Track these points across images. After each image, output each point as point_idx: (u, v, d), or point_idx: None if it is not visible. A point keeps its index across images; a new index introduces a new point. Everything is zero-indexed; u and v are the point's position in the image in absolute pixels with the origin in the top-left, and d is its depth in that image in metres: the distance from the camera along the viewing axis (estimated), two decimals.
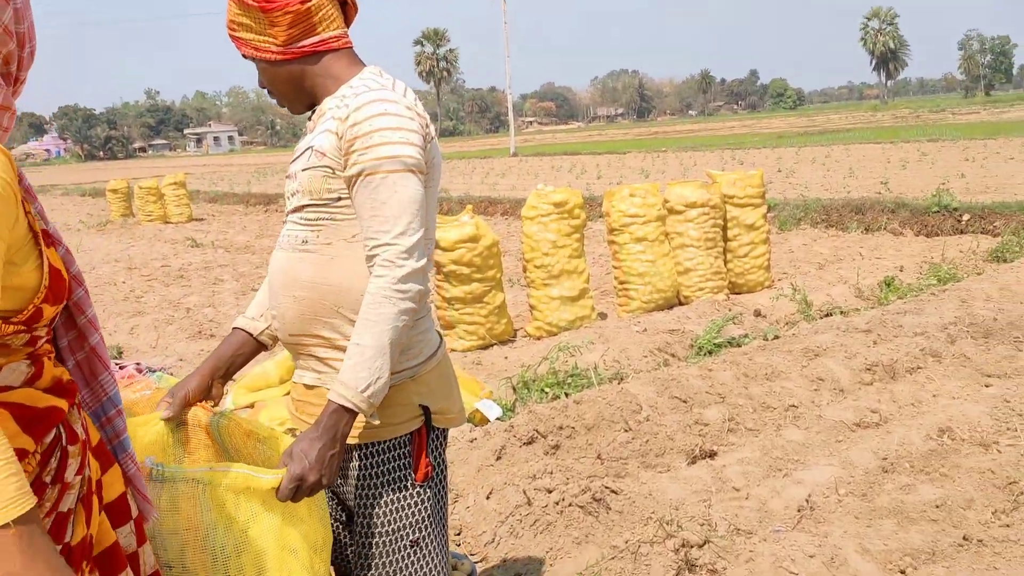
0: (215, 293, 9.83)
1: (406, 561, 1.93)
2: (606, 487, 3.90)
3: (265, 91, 1.98)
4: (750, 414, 4.90)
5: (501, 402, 5.22)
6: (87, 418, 1.54)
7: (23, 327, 1.33)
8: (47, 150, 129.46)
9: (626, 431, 4.60)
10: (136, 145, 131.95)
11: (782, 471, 4.16)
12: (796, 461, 4.24)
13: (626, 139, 61.84)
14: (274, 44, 1.85)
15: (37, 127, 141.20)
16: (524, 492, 3.85)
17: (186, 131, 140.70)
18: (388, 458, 1.90)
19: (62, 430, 1.39)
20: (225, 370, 2.05)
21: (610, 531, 3.64)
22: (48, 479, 1.35)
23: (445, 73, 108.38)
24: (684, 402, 5.06)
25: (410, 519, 1.92)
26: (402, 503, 1.92)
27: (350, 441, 1.87)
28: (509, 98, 49.77)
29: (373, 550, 1.92)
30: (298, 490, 1.72)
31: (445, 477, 2.02)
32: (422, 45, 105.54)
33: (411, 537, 1.92)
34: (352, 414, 1.75)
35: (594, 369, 5.67)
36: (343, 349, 1.85)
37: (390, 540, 1.91)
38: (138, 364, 2.26)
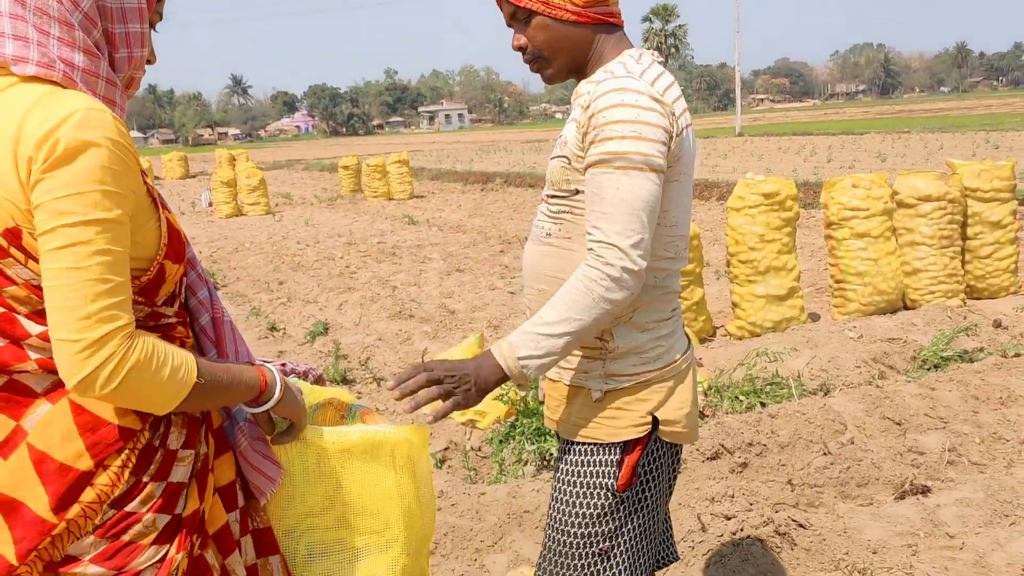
0: (422, 272, 10.07)
1: (592, 569, 1.86)
2: (793, 520, 3.50)
3: (521, 53, 1.88)
4: (976, 445, 4.27)
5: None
6: None
7: (143, 299, 1.42)
8: (297, 126, 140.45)
9: (825, 454, 4.13)
10: (375, 122, 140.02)
11: (1009, 518, 3.56)
12: None
13: (866, 118, 57.94)
14: (572, 3, 1.78)
15: (289, 105, 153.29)
16: (699, 517, 3.54)
17: (420, 109, 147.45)
18: (597, 460, 1.85)
19: None
20: None
21: (792, 572, 3.25)
22: (157, 442, 1.43)
23: (673, 50, 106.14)
24: (898, 424, 4.51)
25: (602, 527, 1.85)
26: (598, 510, 1.85)
27: (569, 436, 1.89)
28: (737, 74, 47.89)
29: (561, 548, 1.88)
30: (427, 382, 1.70)
31: (658, 493, 1.91)
32: (650, 21, 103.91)
33: (600, 546, 1.85)
34: (501, 369, 1.73)
35: (796, 378, 5.18)
36: (583, 345, 1.84)
37: (579, 544, 1.85)
38: (284, 364, 2.15)
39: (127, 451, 1.39)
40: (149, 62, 1.54)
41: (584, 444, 1.86)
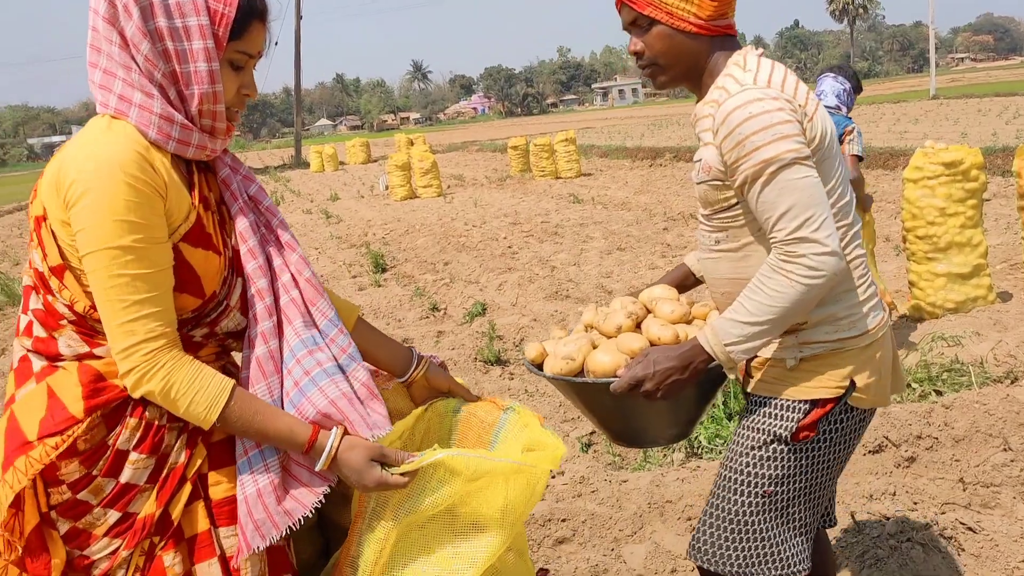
0: (583, 252, 9.98)
1: (749, 505, 1.97)
2: (961, 522, 3.20)
3: (636, 58, 1.97)
4: None
5: None
6: None
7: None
8: (474, 108, 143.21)
9: (1005, 450, 3.75)
10: (549, 101, 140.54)
11: None
12: None
13: None
14: (695, 15, 1.87)
15: (466, 87, 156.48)
16: (853, 515, 3.29)
17: (593, 85, 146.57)
18: (780, 414, 1.96)
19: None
20: (679, 286, 2.32)
21: None
22: (111, 441, 1.57)
23: (861, 10, 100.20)
24: None
25: (770, 471, 1.96)
26: (770, 453, 1.96)
27: (761, 392, 2.01)
28: (931, 32, 44.40)
29: (729, 484, 2.01)
30: (632, 388, 1.87)
31: (834, 454, 1.99)
32: None
33: (766, 488, 1.96)
34: (709, 356, 1.86)
35: (979, 365, 4.73)
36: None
37: (746, 481, 1.98)
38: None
39: (63, 435, 1.53)
40: (248, 96, 1.68)
41: (774, 399, 1.97)
